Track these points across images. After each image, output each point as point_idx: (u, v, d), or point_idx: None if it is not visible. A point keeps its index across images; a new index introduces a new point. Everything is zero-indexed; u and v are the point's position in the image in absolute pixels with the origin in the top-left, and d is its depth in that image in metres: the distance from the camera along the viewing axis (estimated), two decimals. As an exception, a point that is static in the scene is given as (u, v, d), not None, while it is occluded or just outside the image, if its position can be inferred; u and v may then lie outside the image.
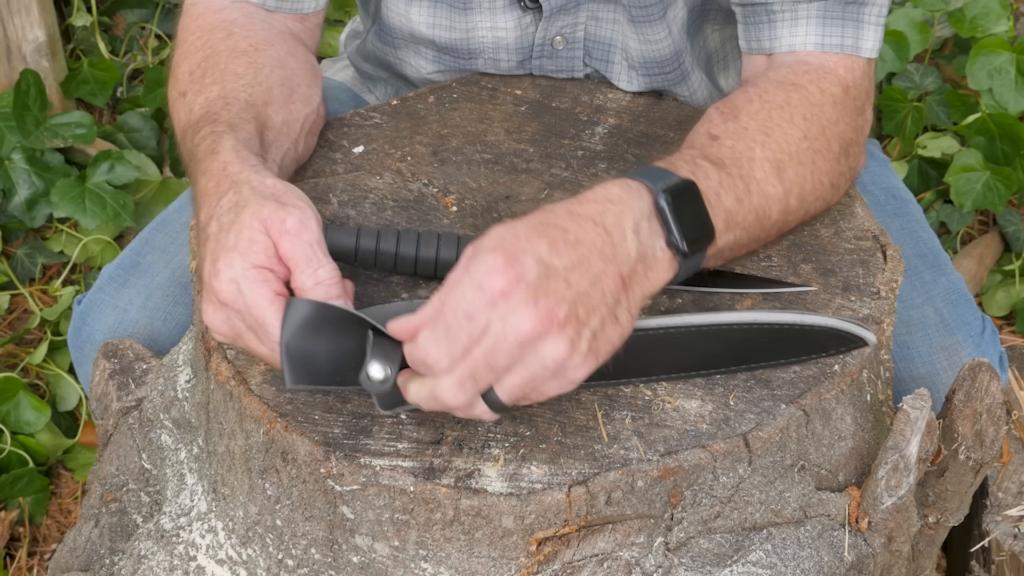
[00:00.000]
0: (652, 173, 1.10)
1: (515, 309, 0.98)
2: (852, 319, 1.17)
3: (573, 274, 1.00)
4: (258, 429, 1.10)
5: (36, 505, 2.18)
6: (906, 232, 1.53)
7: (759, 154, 1.20)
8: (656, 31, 1.45)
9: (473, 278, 0.99)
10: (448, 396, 1.00)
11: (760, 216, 1.19)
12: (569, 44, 1.48)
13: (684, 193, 1.09)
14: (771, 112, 1.24)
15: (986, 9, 2.66)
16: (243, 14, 1.40)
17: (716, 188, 1.14)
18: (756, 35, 1.35)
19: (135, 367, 1.31)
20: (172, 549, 1.18)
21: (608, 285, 1.02)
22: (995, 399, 1.23)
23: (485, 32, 1.49)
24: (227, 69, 1.32)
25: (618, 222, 1.05)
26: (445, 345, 0.99)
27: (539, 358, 0.99)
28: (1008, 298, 2.51)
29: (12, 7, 2.66)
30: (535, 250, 1.00)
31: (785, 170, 1.21)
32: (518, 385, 1.00)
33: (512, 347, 0.98)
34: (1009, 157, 2.51)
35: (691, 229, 1.08)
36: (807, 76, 1.29)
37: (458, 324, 0.99)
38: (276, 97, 1.31)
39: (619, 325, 1.03)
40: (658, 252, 1.07)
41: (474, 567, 1.06)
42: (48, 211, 2.55)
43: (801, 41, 1.32)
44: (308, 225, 1.10)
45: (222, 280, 1.08)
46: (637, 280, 1.05)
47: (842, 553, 1.14)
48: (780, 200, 1.21)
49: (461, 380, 0.99)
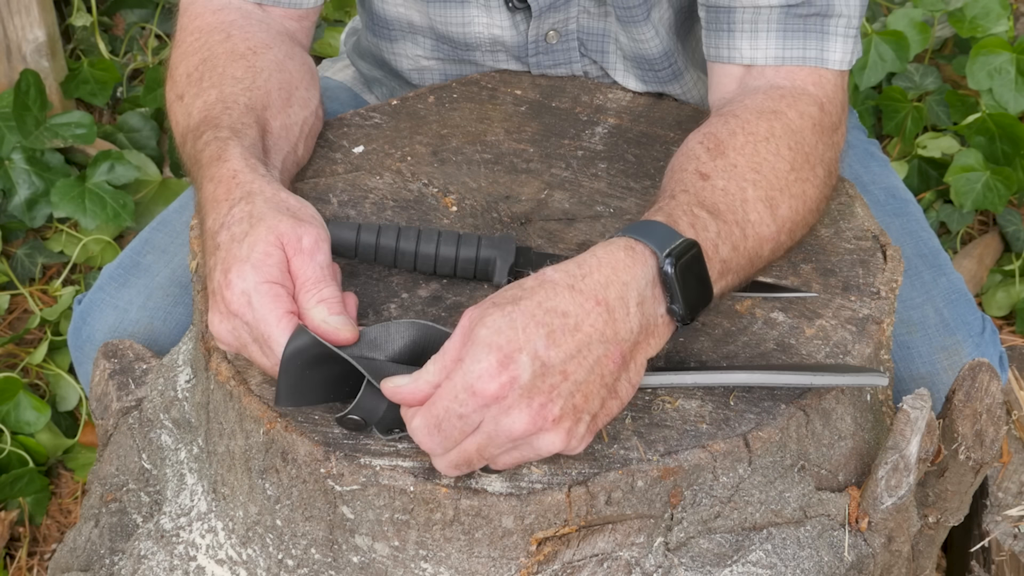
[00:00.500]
0: (656, 234, 1.08)
1: (507, 411, 0.99)
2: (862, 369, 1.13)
3: (571, 364, 1.00)
4: (258, 429, 1.10)
5: (36, 505, 2.18)
6: (906, 232, 1.53)
7: (751, 195, 1.18)
8: (643, 31, 1.45)
9: (467, 379, 0.99)
10: (443, 470, 1.03)
11: (752, 258, 1.18)
12: (563, 38, 1.49)
13: (687, 257, 1.07)
14: (757, 146, 1.22)
15: (986, 9, 2.66)
16: (241, 14, 1.40)
17: (714, 240, 1.13)
18: (716, 42, 1.33)
19: (135, 367, 1.31)
20: (172, 549, 1.18)
21: (608, 367, 1.02)
22: (995, 399, 1.23)
23: (481, 28, 1.49)
24: (225, 73, 1.31)
25: (622, 296, 1.03)
26: (439, 439, 1.01)
27: (534, 448, 1.01)
28: (1008, 298, 2.51)
29: (12, 7, 2.66)
30: (531, 346, 0.99)
31: (778, 207, 1.20)
32: (511, 463, 1.03)
33: (504, 443, 1.00)
34: (1009, 157, 2.51)
35: (693, 296, 1.08)
36: (784, 101, 1.27)
37: (451, 423, 1.00)
38: (275, 101, 1.31)
39: (619, 399, 1.04)
40: (659, 320, 1.07)
41: (474, 567, 1.06)
42: (48, 211, 2.55)
43: (762, 54, 1.30)
44: (321, 247, 1.11)
45: (234, 291, 1.08)
46: (639, 351, 1.05)
47: (842, 553, 1.14)
48: (773, 239, 1.20)
49: (456, 464, 1.02)
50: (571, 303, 1.01)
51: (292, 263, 1.09)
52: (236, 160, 1.18)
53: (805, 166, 1.23)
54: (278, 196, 1.14)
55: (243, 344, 1.10)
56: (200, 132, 1.24)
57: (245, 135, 1.23)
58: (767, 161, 1.21)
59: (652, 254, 1.06)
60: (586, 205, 1.32)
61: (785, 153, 1.22)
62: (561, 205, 1.32)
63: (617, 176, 1.36)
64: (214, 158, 1.19)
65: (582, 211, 1.31)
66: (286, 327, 1.06)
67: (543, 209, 1.32)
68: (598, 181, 1.35)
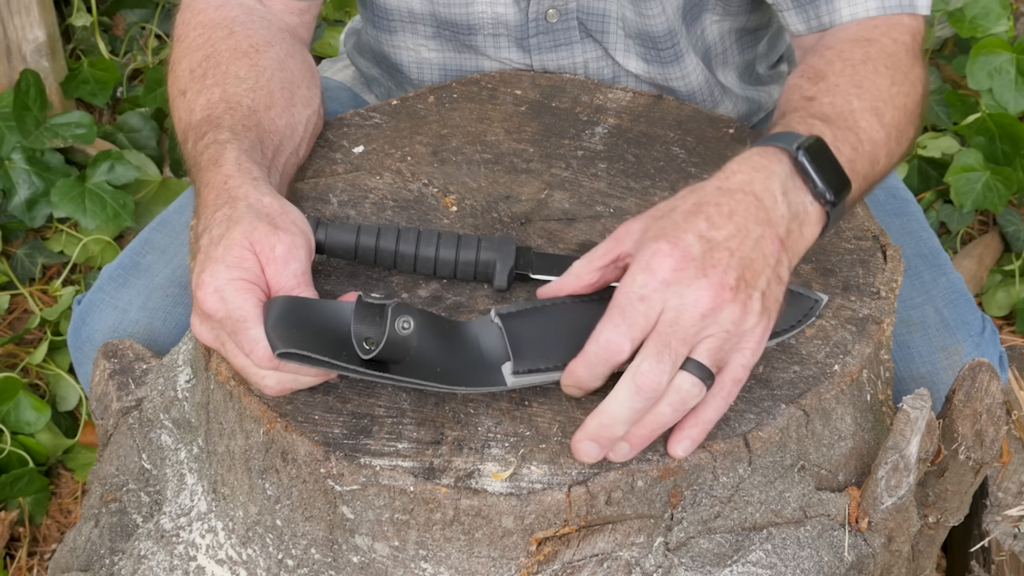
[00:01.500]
0: (781, 137, 1.15)
1: (688, 285, 1.02)
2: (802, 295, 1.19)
3: (734, 241, 1.06)
4: (258, 429, 1.10)
5: (36, 505, 2.18)
6: (906, 232, 1.54)
7: (857, 105, 1.24)
8: (651, 5, 1.47)
9: (641, 263, 1.03)
10: (648, 372, 1.02)
11: (872, 162, 1.24)
12: (563, 16, 1.50)
13: (817, 148, 1.14)
14: (856, 67, 1.29)
15: (986, 9, 2.66)
16: (243, 10, 1.40)
17: (833, 142, 1.18)
18: (814, 12, 1.39)
19: (135, 367, 1.31)
20: (172, 549, 1.18)
21: (768, 247, 1.07)
22: (995, 399, 1.23)
23: (484, 7, 1.50)
24: (228, 71, 1.32)
25: (767, 187, 1.10)
26: (625, 328, 1.02)
27: (720, 325, 1.03)
28: (1008, 298, 2.51)
29: (12, 7, 2.66)
30: (695, 228, 1.05)
31: (884, 115, 1.26)
32: (713, 349, 1.03)
33: (695, 319, 1.02)
34: (1009, 157, 2.51)
35: (831, 179, 1.14)
36: (877, 30, 1.34)
37: (633, 307, 1.02)
38: (278, 101, 1.31)
39: (782, 283, 1.09)
40: (808, 207, 1.13)
41: (474, 567, 1.06)
42: (48, 211, 2.55)
43: (863, 8, 1.37)
44: (296, 254, 1.11)
45: (207, 290, 1.08)
46: (793, 238, 1.11)
47: (842, 553, 1.14)
48: (885, 144, 1.25)
49: (657, 351, 1.02)
50: (721, 197, 1.08)
51: (266, 271, 1.10)
52: (230, 165, 1.18)
53: (905, 81, 1.30)
54: (261, 201, 1.14)
55: (221, 343, 1.10)
56: (202, 132, 1.24)
57: (245, 137, 1.23)
58: (868, 78, 1.28)
59: (783, 150, 1.13)
60: (586, 205, 1.32)
61: (883, 71, 1.29)
62: (561, 205, 1.32)
63: (617, 176, 1.36)
64: (211, 162, 1.20)
65: (582, 211, 1.32)
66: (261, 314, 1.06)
67: (543, 209, 1.32)
68: (598, 181, 1.35)
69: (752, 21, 1.59)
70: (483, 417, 1.09)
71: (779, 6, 1.43)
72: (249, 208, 1.12)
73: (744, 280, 1.04)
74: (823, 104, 1.24)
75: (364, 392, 1.11)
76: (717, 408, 1.06)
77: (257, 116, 1.27)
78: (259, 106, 1.29)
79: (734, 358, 1.05)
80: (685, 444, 1.05)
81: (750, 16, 1.57)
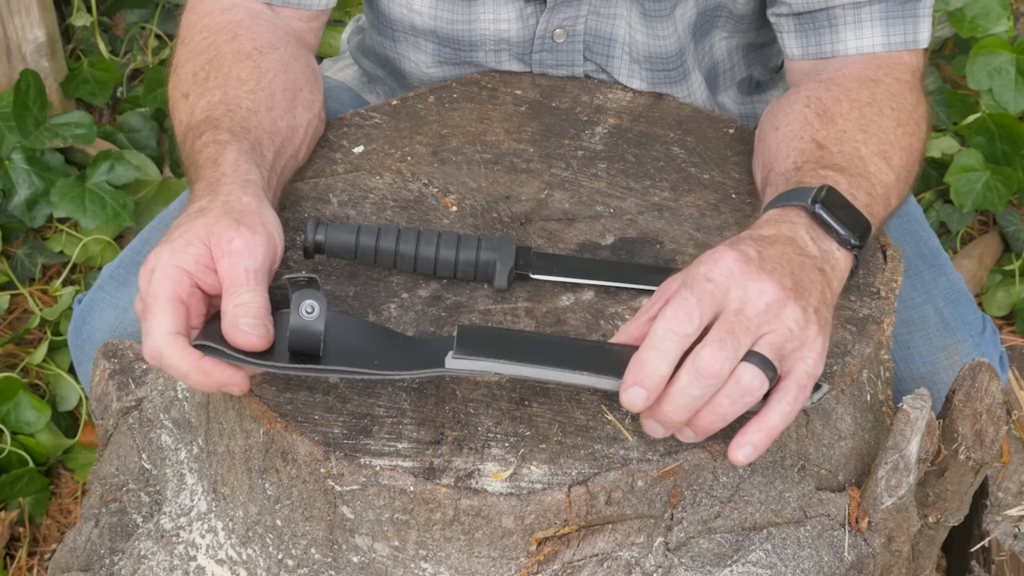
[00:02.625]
0: (794, 195, 1.16)
1: (751, 277, 1.03)
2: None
3: (783, 259, 1.07)
4: (258, 429, 1.10)
5: (36, 505, 2.18)
6: (906, 232, 1.54)
7: (865, 151, 1.26)
8: (664, 27, 1.46)
9: (703, 259, 1.04)
10: (709, 358, 1.00)
11: (886, 205, 1.25)
12: (570, 37, 1.49)
13: (831, 198, 1.15)
14: (862, 110, 1.30)
15: (986, 9, 2.65)
16: (249, 14, 1.40)
17: (848, 190, 1.19)
18: (816, 40, 1.40)
19: (135, 367, 1.31)
20: (172, 549, 1.18)
21: (812, 274, 1.08)
22: (995, 399, 1.23)
23: (487, 24, 1.49)
24: (230, 74, 1.31)
25: (795, 234, 1.11)
26: (694, 301, 1.01)
27: (783, 322, 1.02)
28: (1008, 298, 2.51)
29: (12, 7, 2.66)
30: (745, 243, 1.06)
31: (892, 158, 1.27)
32: (776, 346, 1.02)
33: (759, 310, 1.02)
34: (1009, 157, 2.51)
35: (852, 223, 1.15)
36: (881, 70, 1.36)
37: (701, 285, 1.01)
38: (279, 103, 1.31)
39: (829, 309, 1.09)
40: (836, 253, 1.14)
41: (474, 567, 1.06)
42: (48, 211, 2.55)
43: (869, 43, 1.38)
44: (254, 252, 1.09)
45: (144, 267, 1.08)
46: (828, 276, 1.11)
47: (842, 553, 1.14)
48: (895, 186, 1.27)
49: (720, 338, 1.00)
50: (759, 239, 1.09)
51: (219, 265, 1.08)
52: (227, 165, 1.18)
53: (909, 121, 1.31)
54: (240, 200, 1.13)
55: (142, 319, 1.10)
56: (200, 132, 1.24)
57: (244, 139, 1.23)
58: (874, 122, 1.29)
59: (800, 208, 1.15)
60: (586, 205, 1.32)
61: (889, 113, 1.31)
62: (561, 205, 1.32)
63: (617, 176, 1.36)
64: (209, 161, 1.20)
65: (582, 211, 1.32)
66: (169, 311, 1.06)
67: (543, 209, 1.32)
68: (598, 181, 1.35)
69: (760, 37, 1.58)
70: (483, 417, 1.09)
71: (779, 27, 1.43)
72: (223, 205, 1.12)
73: (798, 286, 1.05)
74: (833, 154, 1.25)
75: (364, 392, 1.11)
76: (782, 414, 1.02)
77: (257, 117, 1.27)
78: (260, 107, 1.28)
79: (798, 365, 1.03)
80: (747, 450, 1.02)
81: (759, 32, 1.57)
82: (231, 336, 1.05)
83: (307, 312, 1.04)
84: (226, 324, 1.05)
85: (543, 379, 1.06)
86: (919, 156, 1.32)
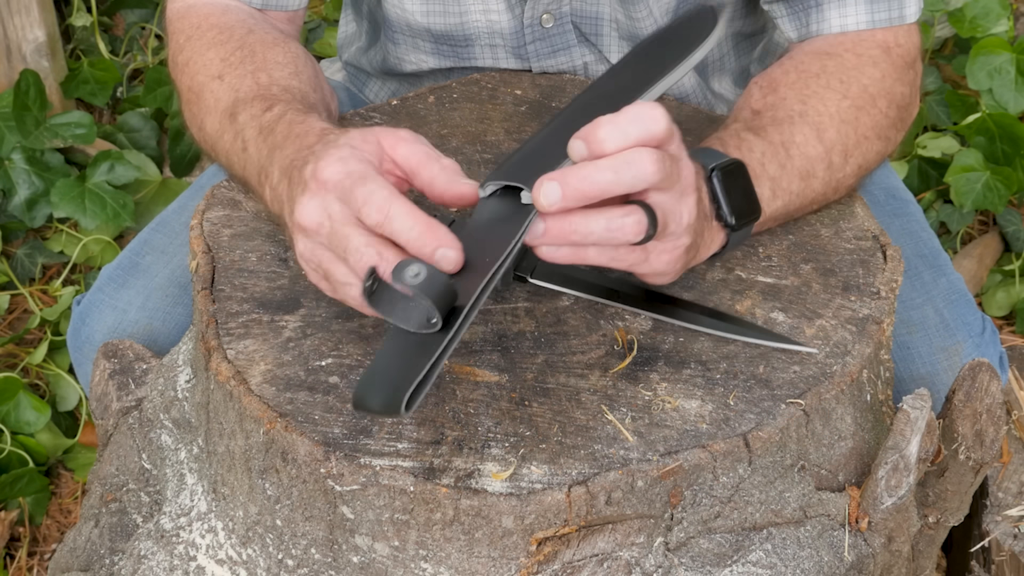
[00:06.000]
0: (705, 154, 1.20)
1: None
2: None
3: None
4: (258, 429, 1.10)
5: (36, 505, 2.18)
6: (906, 232, 1.54)
7: (798, 120, 1.27)
8: (639, 9, 1.48)
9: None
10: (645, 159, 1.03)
11: (804, 176, 1.26)
12: (558, 21, 1.50)
13: (733, 172, 1.19)
14: (807, 81, 1.31)
15: (986, 9, 2.66)
16: (250, 15, 1.42)
17: (760, 159, 1.22)
18: (804, 20, 1.40)
19: (135, 367, 1.31)
20: (172, 549, 1.18)
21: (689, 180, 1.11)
22: (995, 399, 1.23)
23: (478, 16, 1.49)
24: (268, 58, 1.32)
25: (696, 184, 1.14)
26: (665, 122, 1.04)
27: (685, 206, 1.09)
28: (1008, 298, 2.51)
29: (12, 7, 2.66)
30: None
31: (826, 131, 1.28)
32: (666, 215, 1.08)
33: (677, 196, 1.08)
34: (1009, 157, 2.51)
35: (739, 205, 1.18)
36: (842, 45, 1.36)
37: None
38: (318, 86, 1.34)
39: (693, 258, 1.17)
40: (713, 224, 1.18)
41: (474, 567, 1.06)
42: (48, 211, 2.55)
43: (853, 21, 1.38)
44: (421, 138, 1.10)
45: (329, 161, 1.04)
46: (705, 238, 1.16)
47: (842, 553, 1.14)
48: (823, 159, 1.27)
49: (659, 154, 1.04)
50: None
51: (397, 153, 1.08)
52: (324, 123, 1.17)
53: (863, 95, 1.31)
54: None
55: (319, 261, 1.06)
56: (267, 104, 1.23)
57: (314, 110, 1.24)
58: (816, 93, 1.30)
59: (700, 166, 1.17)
60: (586, 205, 1.32)
61: (836, 85, 1.31)
62: (561, 205, 1.32)
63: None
64: (296, 121, 1.18)
65: (582, 211, 1.31)
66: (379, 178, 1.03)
67: (543, 209, 1.32)
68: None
69: (748, 26, 1.58)
70: (483, 417, 1.09)
71: (774, 14, 1.44)
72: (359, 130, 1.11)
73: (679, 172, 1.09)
74: (763, 118, 1.28)
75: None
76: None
77: (309, 99, 1.29)
78: (307, 88, 1.30)
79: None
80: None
81: (745, 20, 1.57)
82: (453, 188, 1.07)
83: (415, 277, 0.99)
84: (442, 183, 1.07)
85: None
86: (871, 131, 1.31)
